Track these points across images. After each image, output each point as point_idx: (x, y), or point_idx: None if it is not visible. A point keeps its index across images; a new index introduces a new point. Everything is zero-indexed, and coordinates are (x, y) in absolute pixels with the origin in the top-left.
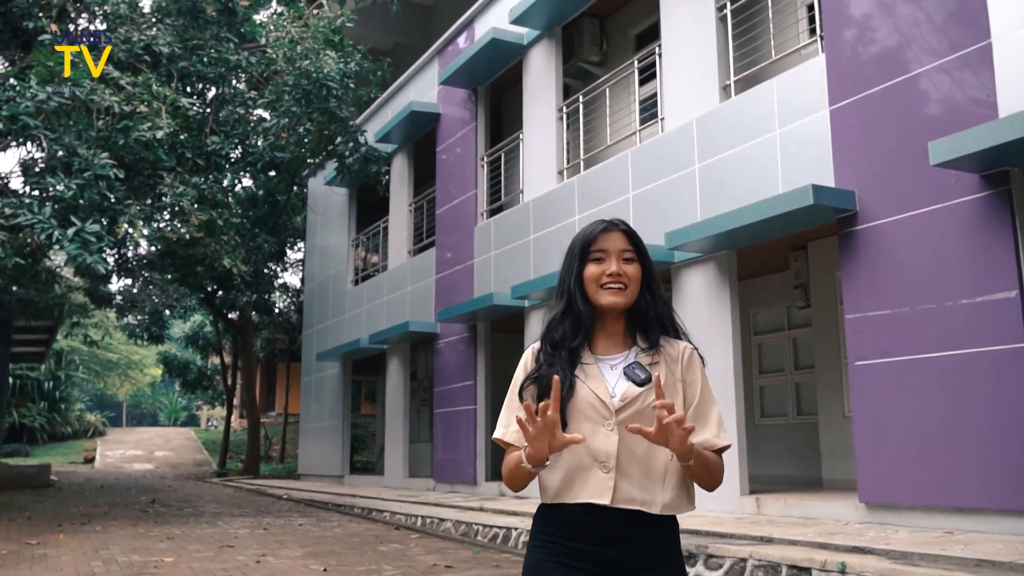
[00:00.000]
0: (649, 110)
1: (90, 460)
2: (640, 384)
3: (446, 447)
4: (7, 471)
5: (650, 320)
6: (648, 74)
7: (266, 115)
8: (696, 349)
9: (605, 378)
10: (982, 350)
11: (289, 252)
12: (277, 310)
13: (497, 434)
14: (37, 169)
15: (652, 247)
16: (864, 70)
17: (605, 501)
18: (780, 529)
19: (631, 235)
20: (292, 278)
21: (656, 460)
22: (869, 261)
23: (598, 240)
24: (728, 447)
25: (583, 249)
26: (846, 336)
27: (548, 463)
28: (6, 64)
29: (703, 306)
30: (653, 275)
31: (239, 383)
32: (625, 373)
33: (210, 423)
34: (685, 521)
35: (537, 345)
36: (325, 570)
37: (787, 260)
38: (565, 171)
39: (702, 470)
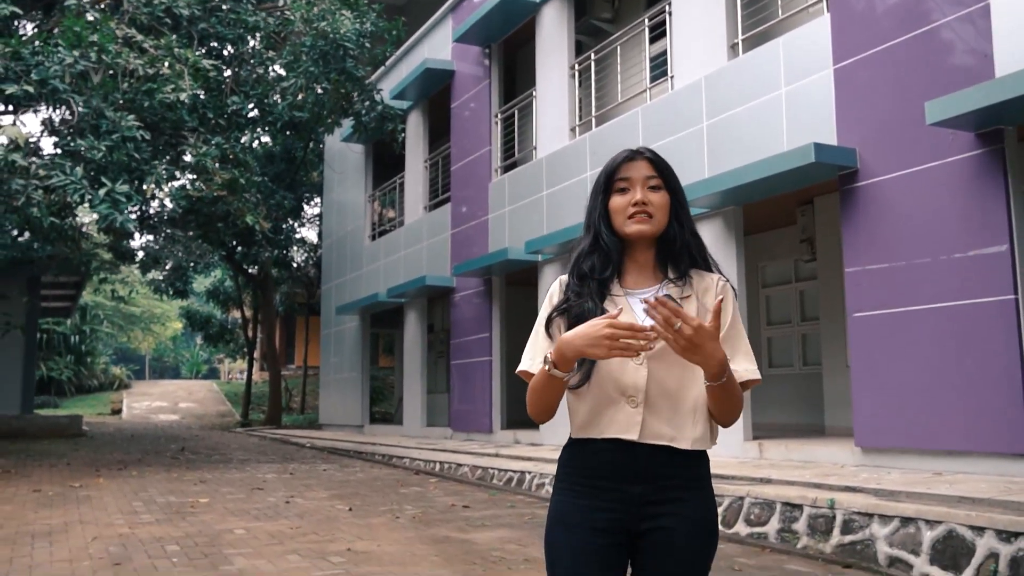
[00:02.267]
0: (659, 68)
1: (117, 411)
2: None
3: (463, 397)
4: (43, 421)
5: (678, 250)
6: (659, 32)
7: (283, 72)
8: (728, 281)
9: (635, 312)
10: (973, 302)
11: (306, 207)
12: (295, 265)
13: (523, 366)
14: (67, 131)
15: None
16: (867, 29)
17: (633, 436)
18: (779, 471)
19: (656, 162)
20: (309, 233)
21: (687, 395)
22: (868, 216)
23: (622, 169)
24: (758, 381)
25: (607, 180)
26: (845, 289)
27: (573, 374)
28: (34, 28)
29: None
30: (682, 204)
31: (260, 336)
32: None
33: (230, 375)
34: None
35: (564, 278)
36: (350, 509)
37: (794, 214)
38: (577, 128)
39: (727, 398)
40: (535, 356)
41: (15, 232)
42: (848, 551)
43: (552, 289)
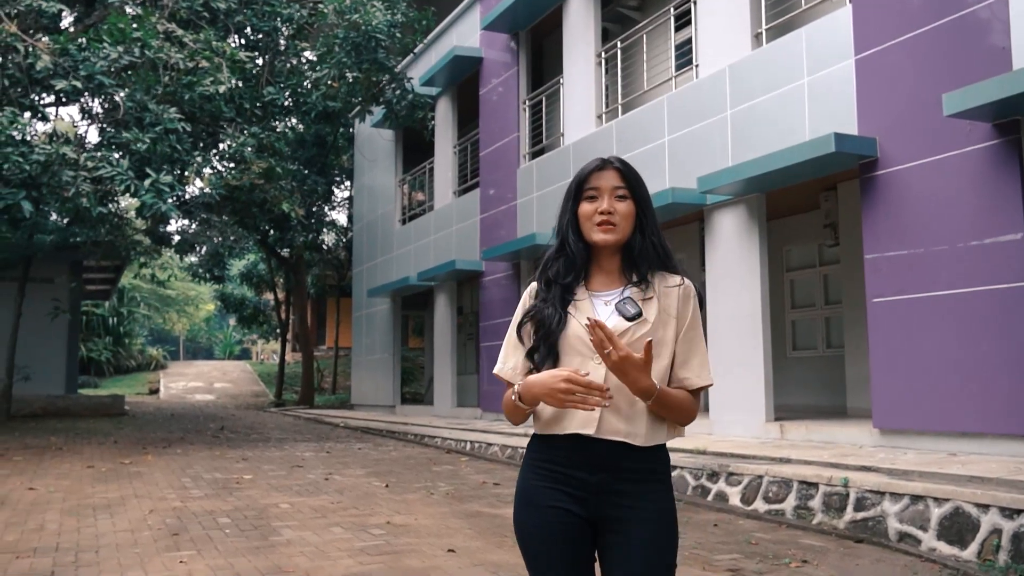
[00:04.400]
0: (685, 56)
1: (155, 391)
2: (629, 319)
3: (492, 379)
4: (87, 401)
5: (638, 257)
6: (684, 20)
7: (314, 58)
8: (692, 284)
9: (597, 313)
10: (988, 288)
11: (336, 191)
12: (326, 247)
13: (496, 369)
14: (112, 124)
15: (685, 190)
16: (887, 20)
17: (590, 431)
18: (798, 451)
19: (625, 172)
20: (339, 216)
21: None
22: (888, 204)
23: (591, 178)
24: (709, 386)
25: (577, 187)
26: (865, 275)
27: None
28: (73, 19)
29: (733, 246)
30: (646, 212)
31: (292, 318)
32: (616, 308)
33: (262, 356)
34: (713, 444)
35: (535, 284)
36: (387, 486)
37: (818, 199)
38: (604, 115)
39: (665, 411)
40: (506, 360)
41: (65, 220)
42: (860, 527)
43: (524, 296)
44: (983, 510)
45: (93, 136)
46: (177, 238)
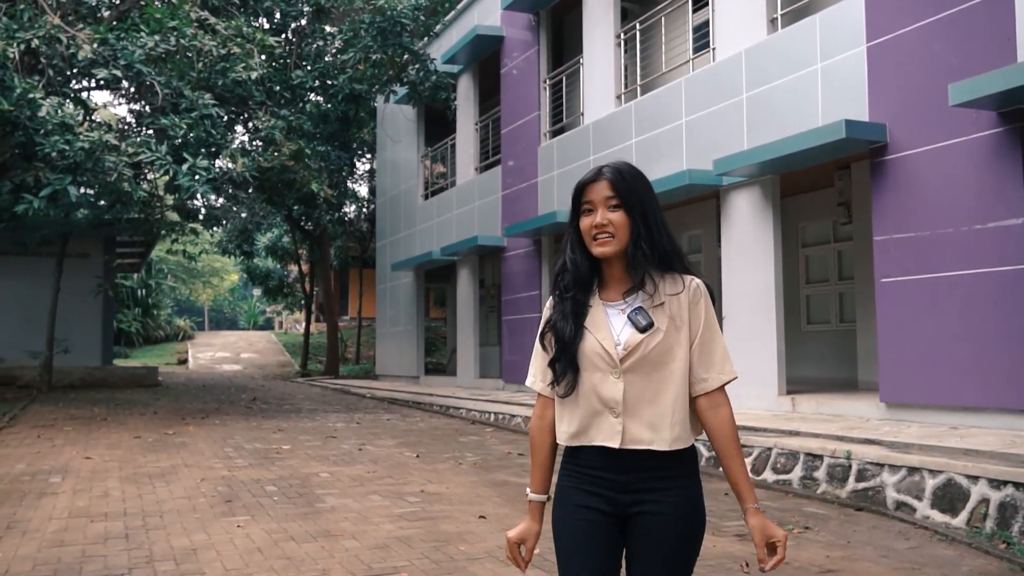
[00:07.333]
0: (702, 39)
1: (183, 362)
2: (642, 330)
3: (513, 350)
4: (122, 372)
5: (630, 266)
6: (702, 3)
7: (337, 36)
8: (703, 282)
9: (611, 324)
10: (991, 270)
11: (357, 163)
12: (348, 220)
13: (528, 382)
14: (149, 110)
15: (702, 172)
16: (898, 9)
17: (615, 444)
18: (807, 424)
19: (614, 182)
20: (360, 188)
21: (664, 399)
22: (897, 188)
23: (585, 191)
24: (733, 379)
25: (575, 201)
26: (874, 255)
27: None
28: (111, 12)
29: (748, 226)
30: (646, 218)
31: (316, 289)
32: (629, 318)
33: (286, 326)
34: None
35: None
36: (417, 456)
37: (833, 178)
38: (623, 96)
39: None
40: (536, 373)
41: (103, 202)
42: (861, 496)
43: (547, 304)
44: (973, 481)
45: (124, 112)
46: (203, 212)
